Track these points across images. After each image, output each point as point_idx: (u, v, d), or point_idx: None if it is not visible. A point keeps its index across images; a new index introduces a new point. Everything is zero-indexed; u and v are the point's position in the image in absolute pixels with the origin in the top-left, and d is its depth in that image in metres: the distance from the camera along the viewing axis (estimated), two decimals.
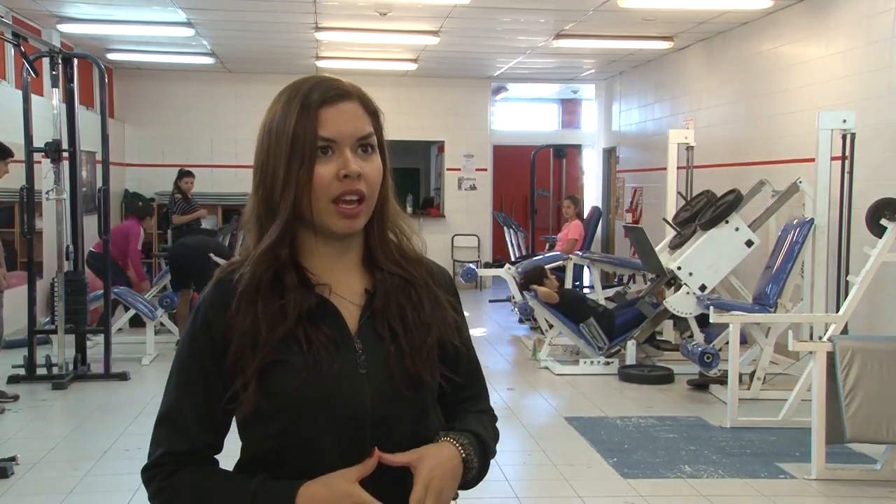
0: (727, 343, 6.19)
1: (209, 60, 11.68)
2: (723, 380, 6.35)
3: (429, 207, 14.26)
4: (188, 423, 1.39)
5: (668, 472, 4.90)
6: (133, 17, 9.09)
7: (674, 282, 7.04)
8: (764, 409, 5.99)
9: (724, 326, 6.46)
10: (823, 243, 6.28)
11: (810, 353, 4.92)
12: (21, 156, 6.78)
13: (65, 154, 6.94)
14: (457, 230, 13.61)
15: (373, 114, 1.42)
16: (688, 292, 6.84)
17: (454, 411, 1.52)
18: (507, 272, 8.98)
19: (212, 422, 1.40)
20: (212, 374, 1.38)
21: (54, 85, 7.04)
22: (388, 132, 1.46)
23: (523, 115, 16.40)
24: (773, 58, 8.27)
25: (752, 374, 6.44)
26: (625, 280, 9.57)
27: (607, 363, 7.41)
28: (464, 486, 1.45)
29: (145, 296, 8.65)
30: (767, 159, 8.19)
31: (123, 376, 7.01)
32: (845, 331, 5.39)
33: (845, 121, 6.10)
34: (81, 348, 7.09)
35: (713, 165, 9.26)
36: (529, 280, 7.82)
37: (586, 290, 10.02)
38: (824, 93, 7.31)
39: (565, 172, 14.66)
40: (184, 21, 9.10)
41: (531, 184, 12.76)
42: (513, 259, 10.89)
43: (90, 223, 7.87)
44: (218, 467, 1.42)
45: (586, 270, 10.40)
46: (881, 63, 6.54)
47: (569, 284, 9.30)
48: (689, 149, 8.76)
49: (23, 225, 7.21)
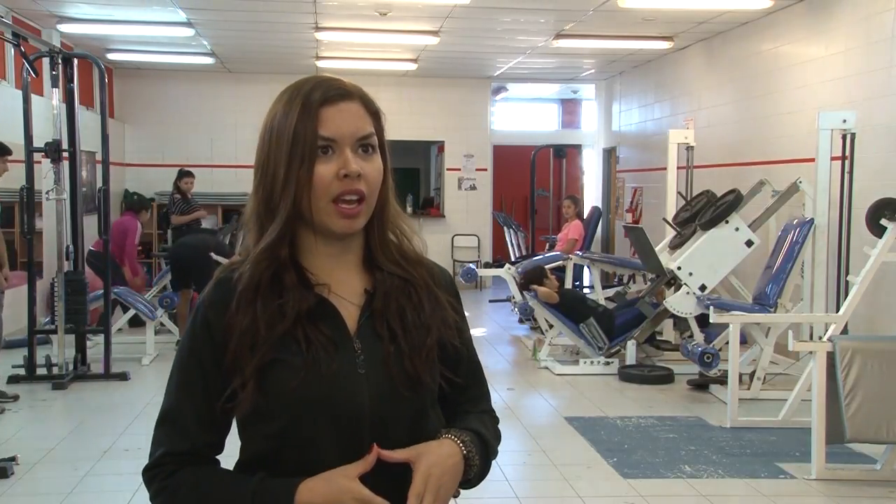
0: (727, 343, 6.19)
1: (209, 60, 11.67)
2: (723, 380, 6.35)
3: (429, 207, 14.24)
4: (188, 424, 1.39)
5: (668, 472, 4.90)
6: (133, 17, 9.09)
7: (674, 282, 7.03)
8: (764, 409, 5.99)
9: (724, 326, 6.46)
10: (823, 243, 6.28)
11: (810, 353, 4.93)
12: (21, 156, 6.78)
13: (65, 154, 6.93)
14: (457, 230, 13.60)
15: (374, 114, 1.42)
16: (688, 292, 6.84)
17: (455, 412, 1.51)
18: (507, 272, 8.98)
19: (212, 422, 1.40)
20: (211, 374, 1.38)
21: (54, 85, 7.03)
22: (388, 132, 1.46)
23: (523, 115, 16.39)
24: (773, 58, 8.27)
25: (752, 374, 6.44)
26: (625, 280, 9.57)
27: (607, 363, 7.41)
28: (465, 485, 1.45)
29: (145, 296, 8.65)
30: (767, 159, 8.19)
31: (123, 376, 7.01)
32: (845, 331, 5.38)
33: (845, 121, 6.10)
34: (81, 348, 7.09)
35: (713, 165, 9.25)
36: (529, 280, 7.82)
37: (586, 290, 10.01)
38: (824, 93, 7.31)
39: (565, 172, 14.66)
40: (184, 21, 9.10)
41: (531, 184, 12.76)
42: (513, 259, 10.89)
43: (90, 223, 7.87)
44: (218, 467, 1.43)
45: (586, 270, 10.40)
46: (881, 63, 6.54)
47: (569, 284, 9.30)
48: (689, 149, 8.76)
49: (23, 225, 7.20)
